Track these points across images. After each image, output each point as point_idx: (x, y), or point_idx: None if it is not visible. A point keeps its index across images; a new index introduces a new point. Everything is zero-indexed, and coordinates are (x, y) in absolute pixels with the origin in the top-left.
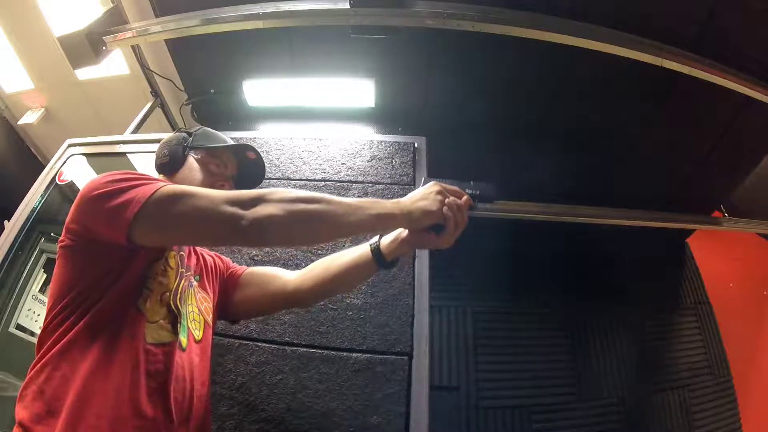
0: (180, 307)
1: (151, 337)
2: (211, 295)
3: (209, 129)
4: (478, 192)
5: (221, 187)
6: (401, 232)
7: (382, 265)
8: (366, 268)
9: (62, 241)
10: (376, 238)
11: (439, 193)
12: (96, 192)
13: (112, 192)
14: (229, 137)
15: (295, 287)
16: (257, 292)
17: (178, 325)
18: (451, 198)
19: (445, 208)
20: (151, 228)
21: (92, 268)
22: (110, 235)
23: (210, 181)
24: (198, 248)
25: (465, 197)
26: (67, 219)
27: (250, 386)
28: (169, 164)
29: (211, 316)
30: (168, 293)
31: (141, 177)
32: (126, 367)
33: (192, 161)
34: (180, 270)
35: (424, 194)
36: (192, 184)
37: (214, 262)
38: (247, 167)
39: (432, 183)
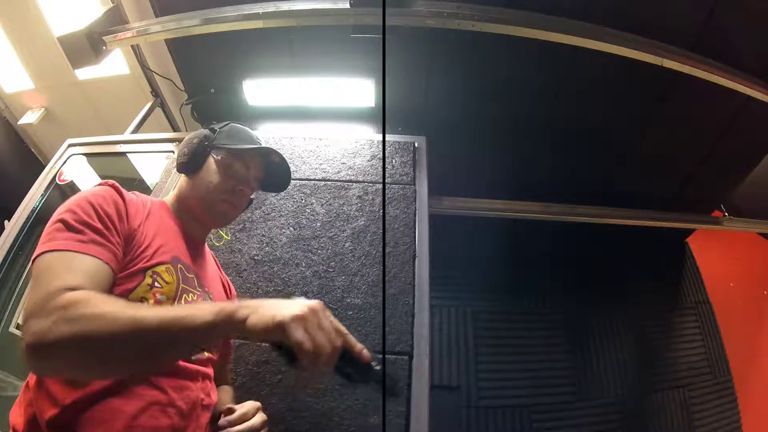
0: None
1: None
2: None
3: (237, 125)
4: (377, 366)
5: (240, 192)
6: None
7: None
8: None
9: None
10: None
11: (303, 318)
12: (60, 211)
13: (56, 221)
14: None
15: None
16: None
17: None
18: (320, 336)
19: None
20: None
21: None
22: None
23: (230, 184)
24: (225, 277)
25: (340, 342)
26: None
27: (250, 386)
28: (189, 164)
29: None
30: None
31: (86, 224)
32: (123, 380)
33: (211, 162)
34: (181, 286)
35: (286, 310)
36: (209, 187)
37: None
38: (272, 170)
39: (310, 303)
